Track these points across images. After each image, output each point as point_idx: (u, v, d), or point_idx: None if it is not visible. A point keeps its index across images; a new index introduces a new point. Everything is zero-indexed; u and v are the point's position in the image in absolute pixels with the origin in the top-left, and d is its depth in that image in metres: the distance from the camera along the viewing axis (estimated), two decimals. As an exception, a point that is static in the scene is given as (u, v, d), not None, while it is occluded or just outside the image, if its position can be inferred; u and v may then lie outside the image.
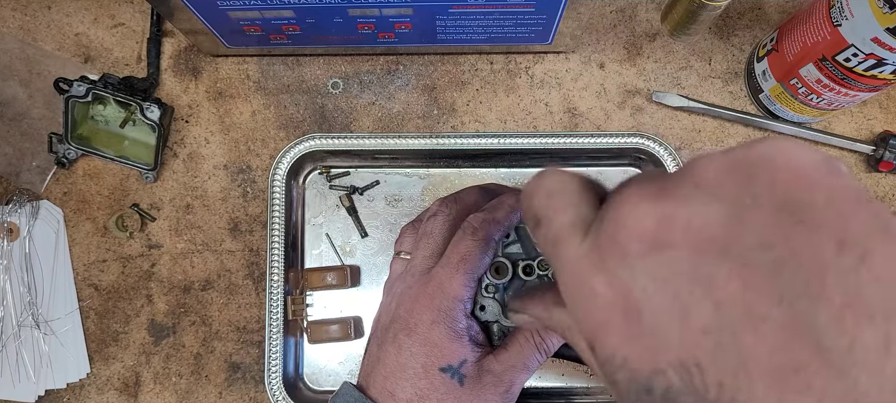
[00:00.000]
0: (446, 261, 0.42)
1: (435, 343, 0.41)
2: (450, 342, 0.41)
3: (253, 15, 0.51)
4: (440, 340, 0.41)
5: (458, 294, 0.42)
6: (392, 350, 0.41)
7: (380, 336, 0.43)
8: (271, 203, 0.58)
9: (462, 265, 0.42)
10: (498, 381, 0.42)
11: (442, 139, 0.59)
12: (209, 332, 0.60)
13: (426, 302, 0.41)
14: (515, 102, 0.62)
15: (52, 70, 0.61)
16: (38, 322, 0.59)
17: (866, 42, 0.46)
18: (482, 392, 0.41)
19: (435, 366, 0.40)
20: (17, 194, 0.60)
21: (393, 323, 0.42)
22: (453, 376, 0.41)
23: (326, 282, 0.58)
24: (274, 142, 0.61)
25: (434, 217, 0.46)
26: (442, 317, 0.41)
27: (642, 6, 0.63)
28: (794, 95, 0.56)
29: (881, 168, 0.59)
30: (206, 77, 0.62)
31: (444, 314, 0.41)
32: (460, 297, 0.42)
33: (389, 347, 0.41)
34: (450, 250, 0.43)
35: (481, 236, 0.43)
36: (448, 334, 0.41)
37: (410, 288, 0.43)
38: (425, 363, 0.40)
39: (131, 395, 0.59)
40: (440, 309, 0.41)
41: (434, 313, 0.41)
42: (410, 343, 0.41)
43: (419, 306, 0.41)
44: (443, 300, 0.41)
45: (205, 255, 0.60)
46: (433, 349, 0.40)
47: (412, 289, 0.43)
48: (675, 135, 0.61)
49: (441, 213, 0.46)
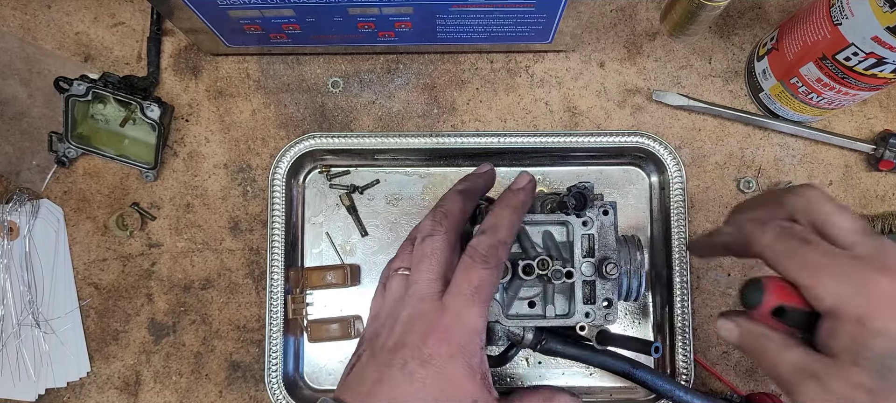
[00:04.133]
0: (458, 291, 0.41)
1: (451, 378, 0.39)
2: (465, 379, 0.40)
3: (253, 14, 0.51)
4: (456, 376, 0.39)
5: (475, 326, 0.40)
6: (400, 377, 0.39)
7: (382, 357, 0.41)
8: (271, 202, 0.58)
9: (477, 296, 0.41)
10: None
11: (442, 138, 0.59)
12: (209, 331, 0.60)
13: (442, 334, 0.40)
14: (515, 101, 0.62)
15: (52, 69, 0.61)
16: (38, 321, 0.59)
17: (866, 41, 0.46)
18: None
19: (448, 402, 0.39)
20: (17, 193, 0.60)
21: (401, 349, 0.40)
22: None
23: (326, 281, 0.58)
24: (274, 141, 0.61)
25: (431, 237, 0.44)
26: (460, 352, 0.40)
27: (642, 5, 0.63)
28: (794, 94, 0.56)
29: (881, 167, 0.59)
30: (206, 76, 0.62)
31: (462, 349, 0.40)
32: (478, 329, 0.41)
33: (397, 373, 0.40)
34: (460, 278, 0.41)
35: (493, 264, 0.42)
36: (465, 371, 0.40)
37: (422, 315, 0.41)
38: (437, 397, 0.39)
39: (131, 394, 0.59)
40: (459, 343, 0.40)
41: (453, 347, 0.40)
42: (424, 374, 0.39)
43: (435, 338, 0.40)
44: (461, 334, 0.40)
45: (205, 254, 0.60)
46: (448, 384, 0.39)
47: (425, 317, 0.41)
48: (675, 133, 0.61)
49: (437, 233, 0.44)
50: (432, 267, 0.42)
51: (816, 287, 0.34)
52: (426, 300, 0.41)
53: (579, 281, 0.45)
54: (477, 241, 0.43)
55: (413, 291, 0.42)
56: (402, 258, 0.46)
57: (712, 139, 0.61)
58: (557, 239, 0.47)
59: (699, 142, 0.61)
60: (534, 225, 0.47)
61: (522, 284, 0.46)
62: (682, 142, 0.61)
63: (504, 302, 0.46)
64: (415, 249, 0.44)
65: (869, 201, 0.60)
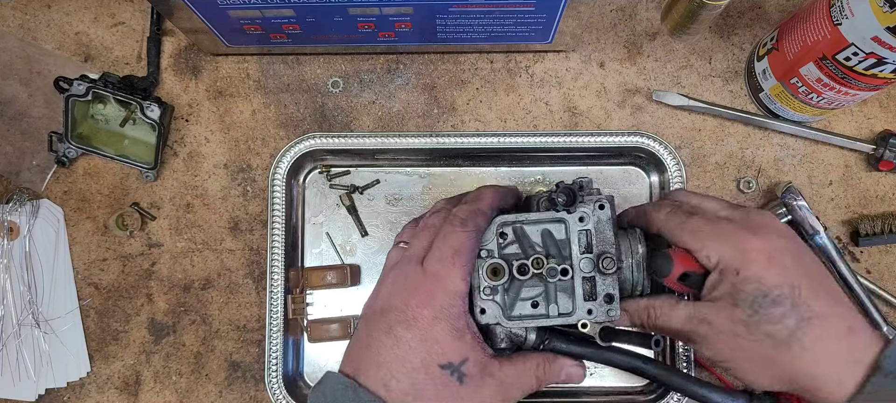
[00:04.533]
0: (439, 255, 0.42)
1: (436, 339, 0.40)
2: (452, 339, 0.41)
3: (253, 14, 0.51)
4: (442, 337, 0.40)
5: (457, 288, 0.41)
6: (387, 341, 0.41)
7: (371, 321, 0.43)
8: (271, 202, 0.58)
9: (457, 258, 0.42)
10: (500, 388, 0.42)
11: (442, 138, 0.59)
12: (209, 331, 0.60)
13: (425, 296, 0.41)
14: (515, 101, 0.62)
15: (52, 69, 0.61)
16: (38, 321, 0.59)
17: (866, 41, 0.46)
18: (482, 393, 0.41)
19: (435, 363, 0.40)
20: (17, 193, 0.60)
21: (387, 313, 0.42)
22: (453, 373, 0.40)
23: (326, 281, 0.58)
24: (274, 141, 0.61)
25: (437, 212, 0.46)
26: (443, 314, 0.41)
27: (642, 5, 0.63)
28: (794, 94, 0.56)
29: (881, 167, 0.59)
30: (206, 76, 0.62)
31: (445, 310, 0.41)
32: (460, 292, 0.42)
33: (384, 337, 0.41)
34: (440, 242, 0.43)
35: (472, 227, 0.43)
36: (450, 331, 0.41)
37: (406, 277, 0.43)
38: (425, 358, 0.40)
39: (132, 394, 0.59)
40: (441, 305, 0.41)
41: (435, 309, 0.41)
42: (409, 336, 0.40)
43: (417, 300, 0.41)
44: (444, 296, 0.41)
45: (205, 254, 0.60)
46: (434, 345, 0.40)
47: (408, 280, 0.42)
48: (676, 133, 0.61)
49: (444, 209, 0.46)
50: (427, 236, 0.44)
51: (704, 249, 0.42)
52: (411, 264, 0.43)
53: (578, 278, 0.44)
54: (457, 209, 0.44)
55: (405, 256, 0.44)
56: (404, 232, 0.49)
57: (712, 139, 0.61)
58: (556, 237, 0.46)
59: (699, 142, 0.61)
60: (531, 225, 0.46)
61: (523, 285, 0.46)
62: (682, 142, 0.61)
63: (505, 303, 0.45)
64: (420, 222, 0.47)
65: (869, 201, 0.60)
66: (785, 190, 0.57)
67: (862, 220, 0.59)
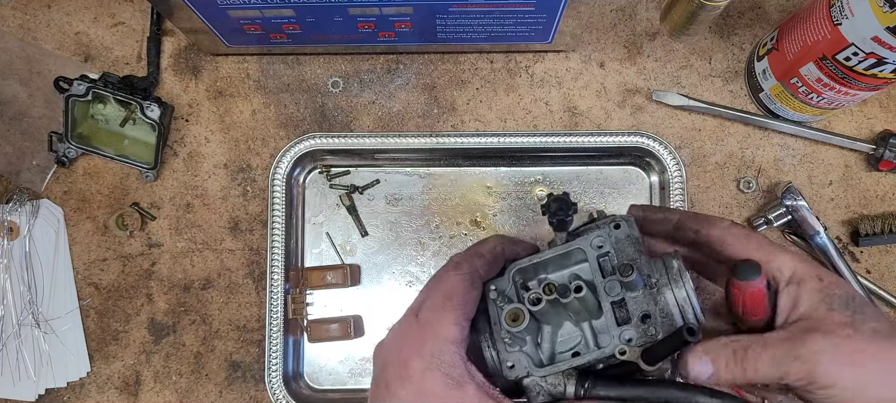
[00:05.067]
0: (431, 303, 0.39)
1: (429, 392, 0.37)
2: (447, 390, 0.37)
3: (253, 14, 0.51)
4: (435, 389, 0.37)
5: (448, 335, 0.38)
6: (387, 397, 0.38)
7: (377, 376, 0.40)
8: (271, 202, 0.58)
9: (448, 303, 0.39)
10: None
11: (442, 138, 0.59)
12: (209, 331, 0.60)
13: (416, 347, 0.38)
14: (515, 101, 0.62)
15: (52, 69, 0.61)
16: (38, 321, 0.59)
17: (866, 41, 0.46)
18: None
19: None
20: (17, 193, 0.60)
21: (386, 368, 0.39)
22: None
23: (327, 281, 0.58)
24: (274, 141, 0.61)
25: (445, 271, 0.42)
26: (434, 363, 0.37)
27: (642, 5, 0.63)
28: (794, 94, 0.56)
29: (881, 167, 0.59)
30: (206, 76, 0.62)
31: (437, 359, 0.37)
32: (452, 339, 0.38)
33: (383, 393, 0.39)
34: (432, 287, 0.40)
35: (466, 270, 0.40)
36: (444, 382, 0.37)
37: (401, 329, 0.40)
38: None
39: (132, 394, 0.59)
40: (432, 354, 0.37)
41: (426, 359, 0.37)
42: (404, 393, 0.37)
43: (408, 351, 0.38)
44: (434, 344, 0.38)
45: (205, 254, 0.60)
46: (427, 399, 0.37)
47: (403, 331, 0.40)
48: (676, 133, 0.61)
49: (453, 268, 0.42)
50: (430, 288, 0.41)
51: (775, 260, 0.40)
52: (408, 315, 0.40)
53: (607, 303, 0.39)
54: (455, 254, 0.42)
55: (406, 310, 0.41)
56: None
57: (712, 139, 0.61)
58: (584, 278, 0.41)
59: (699, 142, 0.61)
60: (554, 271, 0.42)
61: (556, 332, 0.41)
62: (682, 142, 0.61)
63: (536, 356, 0.41)
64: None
65: (869, 201, 0.60)
66: (785, 190, 0.57)
67: (862, 220, 0.59)
